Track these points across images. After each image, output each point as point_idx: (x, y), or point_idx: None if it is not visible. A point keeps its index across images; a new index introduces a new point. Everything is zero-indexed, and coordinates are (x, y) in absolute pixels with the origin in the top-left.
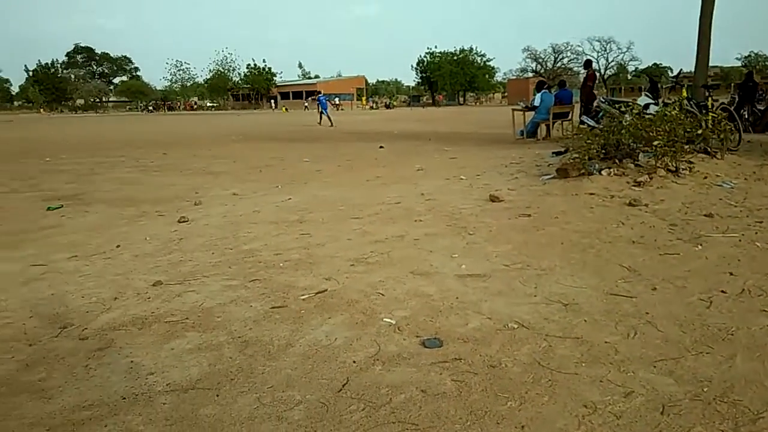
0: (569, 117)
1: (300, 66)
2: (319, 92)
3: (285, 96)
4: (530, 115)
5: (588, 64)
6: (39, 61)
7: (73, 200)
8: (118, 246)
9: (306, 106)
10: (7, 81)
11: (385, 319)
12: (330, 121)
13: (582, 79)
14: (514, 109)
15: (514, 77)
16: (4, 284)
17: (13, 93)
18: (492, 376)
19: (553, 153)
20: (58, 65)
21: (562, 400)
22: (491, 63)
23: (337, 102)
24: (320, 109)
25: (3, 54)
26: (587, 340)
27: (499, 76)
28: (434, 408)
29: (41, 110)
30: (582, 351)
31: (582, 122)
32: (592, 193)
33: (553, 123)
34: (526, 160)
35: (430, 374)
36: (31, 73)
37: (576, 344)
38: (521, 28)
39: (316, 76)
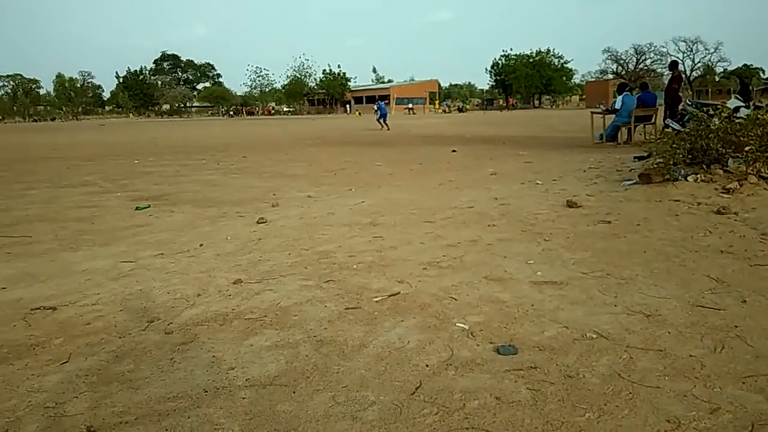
0: (652, 120)
1: (374, 71)
2: (380, 98)
3: (359, 100)
4: (610, 118)
5: (674, 65)
6: (128, 68)
7: (160, 200)
8: (201, 245)
9: (375, 110)
10: (99, 87)
11: (458, 324)
12: (386, 126)
13: (666, 81)
14: (593, 112)
15: (593, 79)
16: (98, 279)
17: (105, 98)
18: (569, 386)
19: (635, 158)
20: (147, 72)
21: (644, 414)
22: (569, 65)
23: (411, 106)
24: (378, 115)
25: (96, 61)
26: (671, 353)
27: (576, 78)
28: (509, 416)
29: (131, 115)
30: (665, 364)
31: (666, 125)
32: (677, 200)
33: (635, 127)
34: (605, 164)
35: (504, 381)
36: (121, 80)
37: (659, 357)
38: (601, 29)
39: (390, 81)
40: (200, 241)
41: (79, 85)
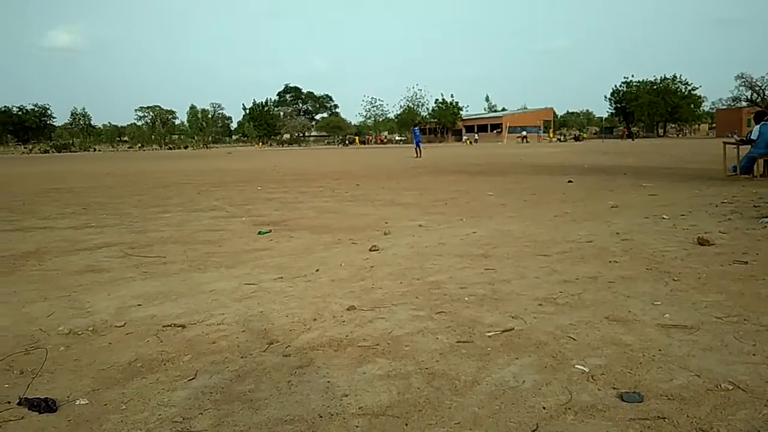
0: None
1: (486, 99)
2: (416, 125)
3: (470, 129)
4: (744, 149)
5: None
6: (254, 99)
7: (280, 226)
8: (317, 270)
9: (470, 140)
10: (229, 118)
11: (577, 366)
12: (419, 153)
13: None
14: (725, 143)
15: (724, 107)
16: (223, 300)
17: (232, 128)
18: None
19: None
20: (271, 103)
21: None
22: (697, 92)
23: (524, 134)
24: (415, 142)
25: (226, 94)
26: None
27: (705, 106)
28: None
29: (260, 144)
30: None
31: None
32: None
33: None
34: (740, 199)
35: (628, 431)
36: (247, 111)
37: None
38: (733, 54)
39: (503, 109)
40: (316, 267)
41: (210, 116)
